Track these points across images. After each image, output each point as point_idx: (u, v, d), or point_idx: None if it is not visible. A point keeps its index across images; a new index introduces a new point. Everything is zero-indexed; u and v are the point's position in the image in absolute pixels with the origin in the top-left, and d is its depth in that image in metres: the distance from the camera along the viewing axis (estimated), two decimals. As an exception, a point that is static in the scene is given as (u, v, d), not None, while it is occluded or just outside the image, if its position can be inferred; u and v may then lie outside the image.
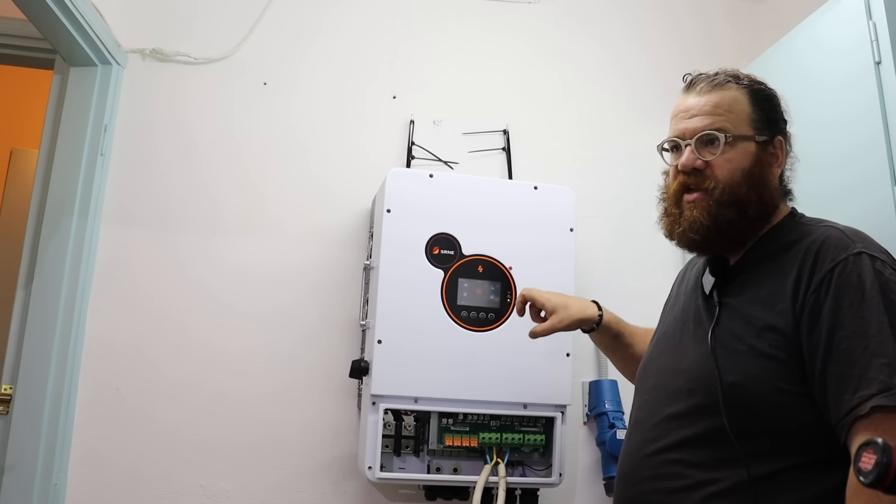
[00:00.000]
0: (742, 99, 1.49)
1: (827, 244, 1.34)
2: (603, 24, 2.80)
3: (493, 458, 2.07)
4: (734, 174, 1.45)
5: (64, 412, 2.15)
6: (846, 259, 1.29)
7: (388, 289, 2.07)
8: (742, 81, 1.51)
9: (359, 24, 2.61)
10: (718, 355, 1.38)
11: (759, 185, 1.45)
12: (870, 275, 1.26)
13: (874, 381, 1.19)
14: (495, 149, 2.59)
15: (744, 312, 1.39)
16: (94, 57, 2.30)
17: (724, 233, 1.46)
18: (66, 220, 2.24)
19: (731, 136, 1.46)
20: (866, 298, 1.25)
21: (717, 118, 1.47)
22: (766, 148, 1.47)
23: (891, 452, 0.83)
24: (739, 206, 1.44)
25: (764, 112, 1.49)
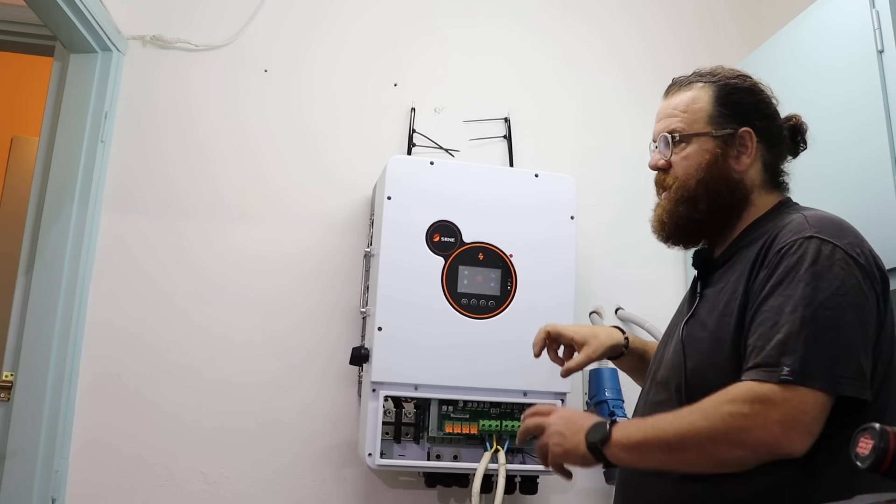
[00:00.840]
0: (702, 97, 1.54)
1: (786, 229, 1.37)
2: (605, 13, 2.79)
3: (493, 446, 2.07)
4: (688, 170, 1.51)
5: (65, 399, 2.15)
6: (794, 241, 1.33)
7: (388, 276, 2.07)
8: (709, 78, 1.56)
9: (360, 12, 2.60)
10: (686, 344, 1.45)
11: (714, 179, 1.49)
12: (811, 258, 1.29)
13: (763, 354, 1.25)
14: (496, 136, 2.59)
15: (713, 301, 1.45)
16: (94, 44, 2.30)
17: (682, 228, 1.53)
18: (66, 208, 2.24)
19: (679, 135, 1.52)
20: (796, 280, 1.28)
21: (672, 119, 1.55)
22: (729, 141, 1.50)
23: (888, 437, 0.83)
24: (690, 201, 1.50)
25: (728, 106, 1.52)
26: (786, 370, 1.21)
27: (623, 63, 2.76)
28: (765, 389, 1.22)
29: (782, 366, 1.22)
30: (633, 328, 2.50)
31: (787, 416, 1.20)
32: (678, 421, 1.28)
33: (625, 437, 1.33)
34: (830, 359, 1.22)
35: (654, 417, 1.34)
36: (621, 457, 1.34)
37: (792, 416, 1.20)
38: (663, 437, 1.29)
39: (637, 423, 1.36)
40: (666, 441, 1.28)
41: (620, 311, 2.52)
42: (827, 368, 1.21)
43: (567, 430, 1.41)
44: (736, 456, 1.24)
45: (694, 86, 1.57)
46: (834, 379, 1.21)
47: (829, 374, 1.21)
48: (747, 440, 1.21)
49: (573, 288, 2.17)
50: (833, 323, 1.24)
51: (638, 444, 1.32)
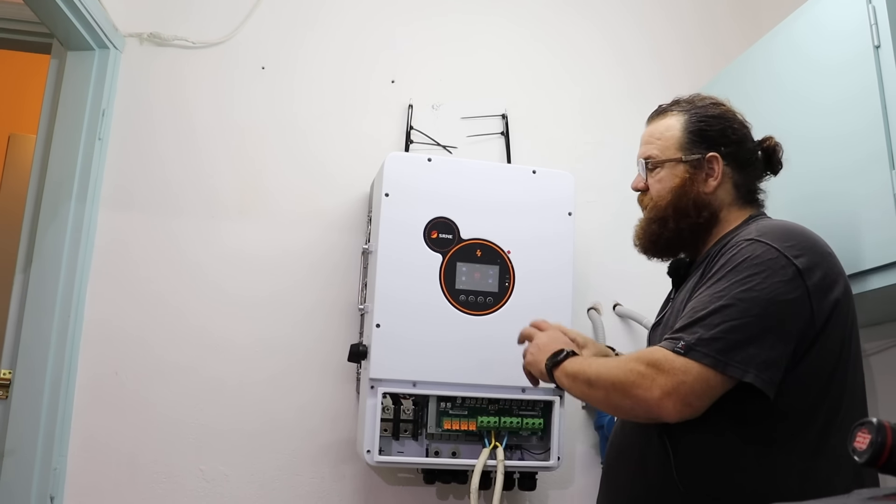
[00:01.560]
0: (675, 124, 1.67)
1: (737, 237, 1.50)
2: (603, 9, 2.79)
3: (492, 442, 2.08)
4: (660, 193, 1.65)
5: (63, 396, 2.15)
6: (737, 243, 1.46)
7: (386, 273, 2.07)
8: (683, 107, 1.68)
9: (357, 8, 2.60)
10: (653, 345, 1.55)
11: (682, 200, 1.62)
12: (742, 257, 1.42)
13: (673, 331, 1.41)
14: (494, 133, 2.59)
15: (677, 307, 1.55)
16: (91, 41, 2.30)
17: (654, 243, 1.68)
18: (64, 205, 2.24)
19: (652, 162, 1.67)
20: (723, 277, 1.42)
21: (649, 146, 1.70)
22: (698, 165, 1.63)
23: (885, 432, 0.83)
24: (660, 220, 1.65)
25: (697, 134, 1.64)
26: (680, 344, 1.35)
27: (622, 60, 2.76)
28: (659, 356, 1.37)
29: (680, 340, 1.36)
30: (630, 324, 2.50)
31: (667, 383, 1.33)
32: (603, 365, 1.47)
33: (570, 366, 1.53)
34: (726, 342, 1.33)
35: (599, 360, 1.53)
36: (562, 380, 1.55)
37: (672, 384, 1.33)
38: (587, 375, 1.48)
39: (585, 359, 1.56)
40: (587, 378, 1.47)
41: (618, 307, 2.52)
42: (719, 349, 1.33)
43: (543, 347, 1.63)
44: (625, 405, 1.41)
45: (669, 114, 1.70)
46: (723, 360, 1.32)
47: (720, 353, 1.33)
48: (633, 395, 1.37)
49: (571, 284, 2.17)
50: (741, 313, 1.35)
51: (572, 374, 1.52)
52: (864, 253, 1.67)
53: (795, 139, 1.84)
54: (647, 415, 1.37)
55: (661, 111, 1.72)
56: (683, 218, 1.62)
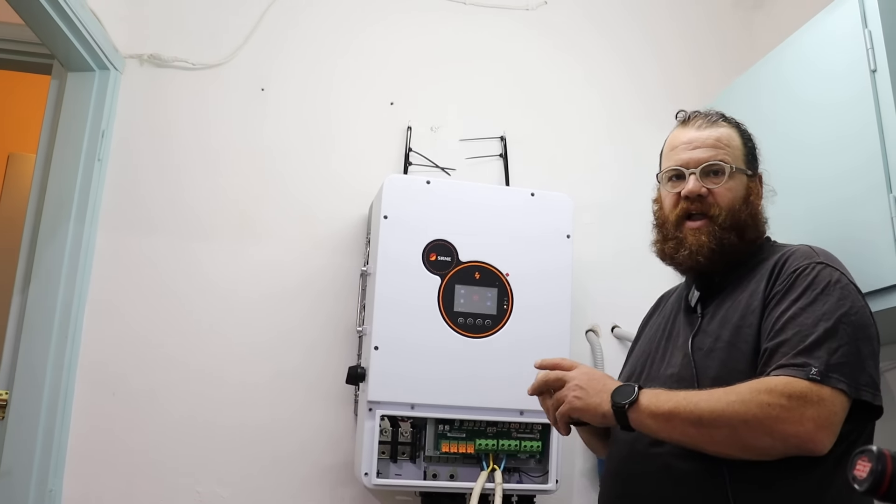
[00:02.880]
0: (735, 136, 1.64)
1: (797, 254, 1.49)
2: (601, 31, 2.80)
3: (490, 465, 2.07)
4: (735, 202, 1.58)
5: (60, 417, 2.14)
6: (810, 265, 1.45)
7: (385, 295, 2.07)
8: (731, 121, 1.66)
9: (357, 31, 2.62)
10: (697, 356, 1.50)
11: (753, 213, 1.60)
12: (825, 280, 1.41)
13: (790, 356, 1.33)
14: (493, 155, 2.59)
15: (723, 317, 1.51)
16: (91, 62, 2.31)
17: (725, 254, 1.57)
18: (63, 226, 2.24)
19: (733, 167, 1.59)
20: (814, 296, 1.39)
21: (719, 151, 1.61)
22: (754, 181, 1.63)
23: (885, 460, 0.83)
24: (740, 230, 1.57)
25: (749, 150, 1.65)
26: (814, 370, 1.28)
27: (622, 83, 2.76)
28: (801, 386, 1.28)
29: (810, 366, 1.29)
30: (628, 346, 2.49)
31: (821, 415, 1.26)
32: (713, 399, 1.32)
33: (654, 404, 1.36)
34: (850, 366, 1.30)
35: (685, 391, 1.37)
36: (646, 423, 1.37)
37: (825, 415, 1.27)
38: (696, 412, 1.32)
39: (667, 393, 1.38)
40: (698, 416, 1.32)
41: (617, 329, 2.52)
42: (847, 374, 1.29)
43: (589, 387, 1.44)
44: (765, 444, 1.29)
45: (722, 124, 1.65)
46: (854, 384, 1.29)
47: (851, 379, 1.29)
48: (780, 431, 1.26)
49: (569, 306, 2.17)
50: (851, 336, 1.33)
51: (667, 414, 1.35)
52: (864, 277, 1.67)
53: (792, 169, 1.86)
54: (796, 450, 1.28)
55: (713, 119, 1.66)
56: (756, 230, 1.60)
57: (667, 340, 1.63)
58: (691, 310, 1.61)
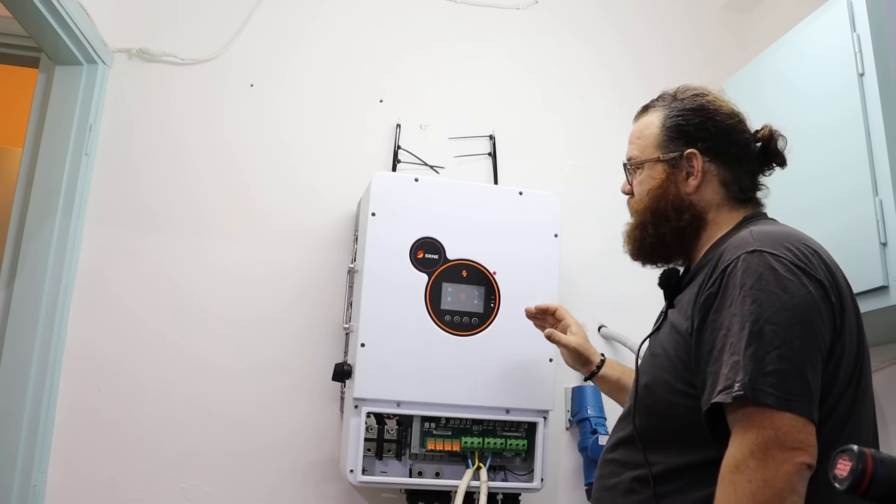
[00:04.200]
0: (654, 122, 1.58)
1: (730, 246, 1.36)
2: (592, 32, 2.81)
3: (475, 463, 2.07)
4: (642, 195, 1.57)
5: (45, 412, 2.13)
6: (738, 258, 1.31)
7: (371, 292, 2.07)
8: (663, 102, 1.60)
9: (347, 28, 2.61)
10: (643, 361, 1.48)
11: (660, 202, 1.53)
12: (755, 272, 1.27)
13: (723, 378, 1.23)
14: (481, 154, 2.59)
15: (672, 320, 1.45)
16: (79, 56, 2.29)
17: (639, 250, 1.58)
18: (49, 220, 2.22)
19: (632, 163, 1.60)
20: (741, 296, 1.26)
21: (631, 147, 1.63)
22: (677, 164, 1.53)
23: (866, 459, 0.84)
24: (641, 226, 1.56)
25: (674, 130, 1.55)
26: (737, 386, 1.19)
27: (611, 82, 2.77)
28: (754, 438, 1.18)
29: (735, 383, 1.20)
30: (615, 346, 2.50)
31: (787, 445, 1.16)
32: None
33: None
34: (780, 374, 1.20)
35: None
36: None
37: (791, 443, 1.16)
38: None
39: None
40: None
41: (603, 328, 2.53)
42: (776, 384, 1.19)
43: None
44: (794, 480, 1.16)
45: (651, 110, 1.62)
46: (785, 394, 1.19)
47: (781, 389, 1.19)
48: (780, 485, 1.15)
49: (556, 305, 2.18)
50: (781, 338, 1.22)
51: None
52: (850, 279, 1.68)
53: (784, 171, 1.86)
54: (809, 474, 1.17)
55: (645, 108, 1.64)
56: (663, 222, 1.52)
57: None
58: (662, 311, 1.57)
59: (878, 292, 1.63)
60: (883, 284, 1.62)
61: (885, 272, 1.63)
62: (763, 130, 1.56)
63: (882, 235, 1.64)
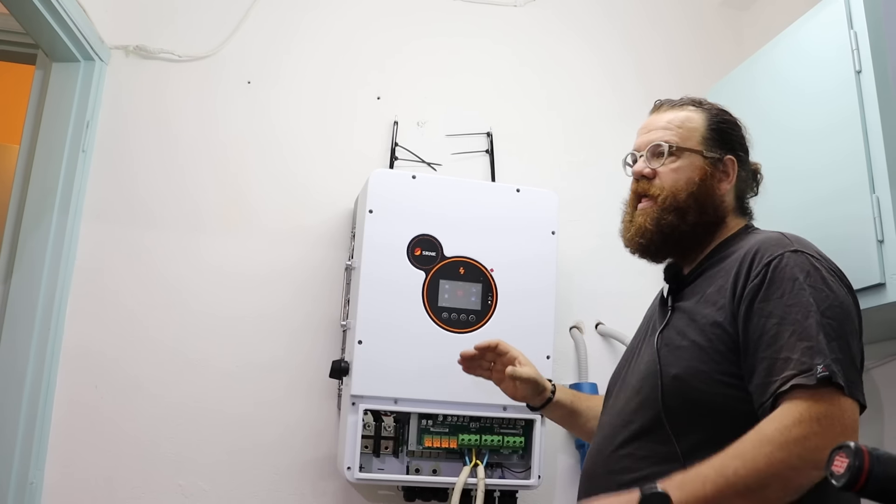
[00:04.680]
0: (696, 118, 1.62)
1: (767, 242, 1.42)
2: (590, 29, 2.81)
3: (473, 460, 2.07)
4: (677, 182, 1.56)
5: (41, 409, 2.13)
6: (782, 255, 1.37)
7: (369, 290, 2.07)
8: (702, 105, 1.64)
9: (344, 25, 2.61)
10: (662, 353, 1.46)
11: (702, 195, 1.56)
12: (803, 269, 1.35)
13: (797, 363, 1.26)
14: (479, 151, 2.59)
15: (691, 312, 1.47)
16: (76, 53, 2.29)
17: (666, 237, 1.56)
18: (46, 217, 2.22)
19: (675, 146, 1.58)
20: (796, 289, 1.33)
21: (667, 132, 1.60)
22: (716, 164, 1.58)
23: (863, 455, 0.84)
24: (680, 212, 1.55)
25: (718, 133, 1.60)
26: (820, 368, 1.24)
27: (609, 80, 2.77)
28: (823, 406, 1.23)
29: (815, 366, 1.24)
30: (612, 343, 2.50)
31: (847, 426, 1.23)
32: (749, 460, 1.22)
33: (690, 496, 1.23)
34: (842, 364, 1.26)
35: (707, 466, 1.25)
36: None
37: (851, 425, 1.23)
38: (739, 483, 1.22)
39: (690, 478, 1.25)
40: (745, 486, 1.22)
41: (601, 326, 2.53)
42: (842, 373, 1.25)
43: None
44: (815, 477, 1.21)
45: (687, 108, 1.64)
46: (848, 383, 1.25)
47: (846, 378, 1.25)
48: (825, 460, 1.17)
49: (553, 303, 2.18)
50: (837, 331, 1.29)
51: (711, 499, 1.23)
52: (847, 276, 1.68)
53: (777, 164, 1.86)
54: None
55: (677, 103, 1.66)
56: (703, 213, 1.55)
57: (645, 335, 1.62)
58: (665, 303, 1.58)
59: (875, 289, 1.63)
60: (880, 282, 1.62)
61: (882, 269, 1.62)
62: (755, 165, 1.67)
63: (879, 233, 1.63)
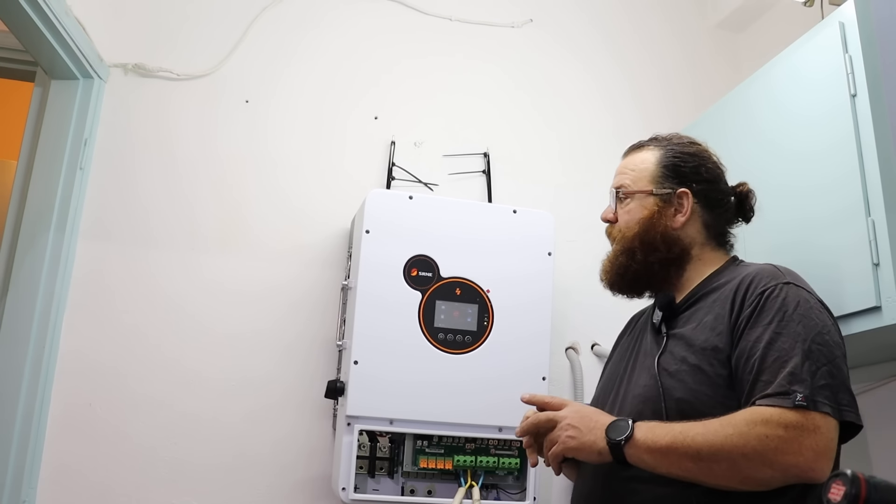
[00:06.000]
0: (650, 158, 1.69)
1: (761, 274, 1.49)
2: (587, 50, 2.82)
3: (468, 481, 2.07)
4: (629, 223, 1.66)
5: (35, 427, 2.12)
6: (776, 286, 1.44)
7: (365, 309, 2.07)
8: (659, 143, 1.70)
9: (342, 45, 2.62)
10: (663, 377, 1.48)
11: (650, 232, 1.62)
12: (794, 300, 1.41)
13: (776, 386, 1.32)
14: (476, 171, 2.60)
15: (689, 338, 1.50)
16: (75, 70, 2.30)
17: (622, 277, 1.66)
18: (42, 234, 2.22)
19: (623, 192, 1.68)
20: (786, 318, 1.39)
21: (622, 177, 1.71)
22: (668, 200, 1.63)
23: (859, 484, 0.84)
24: (629, 252, 1.64)
25: (670, 168, 1.65)
26: (799, 396, 1.28)
27: (605, 101, 2.78)
28: (797, 416, 1.28)
29: (795, 393, 1.29)
30: (608, 364, 2.50)
31: (818, 443, 1.27)
32: (710, 433, 1.31)
33: (650, 439, 1.35)
34: (831, 388, 1.31)
35: (680, 424, 1.36)
36: (643, 458, 1.35)
37: (823, 443, 1.27)
38: (693, 447, 1.31)
39: (661, 426, 1.37)
40: (696, 450, 1.31)
41: (596, 346, 2.53)
42: (830, 396, 1.30)
43: (582, 425, 1.43)
44: (765, 475, 1.29)
45: (646, 148, 1.72)
46: (837, 406, 1.30)
47: (833, 401, 1.30)
48: (780, 462, 1.27)
49: (549, 324, 2.18)
50: (828, 356, 1.35)
51: (664, 448, 1.34)
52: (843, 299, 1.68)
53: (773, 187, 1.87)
54: (797, 479, 1.28)
55: (639, 145, 1.74)
56: (652, 251, 1.61)
57: (634, 360, 1.63)
58: (657, 330, 1.60)
59: (871, 312, 1.63)
60: (875, 305, 1.62)
61: (877, 292, 1.62)
62: (742, 187, 1.70)
63: (875, 256, 1.64)
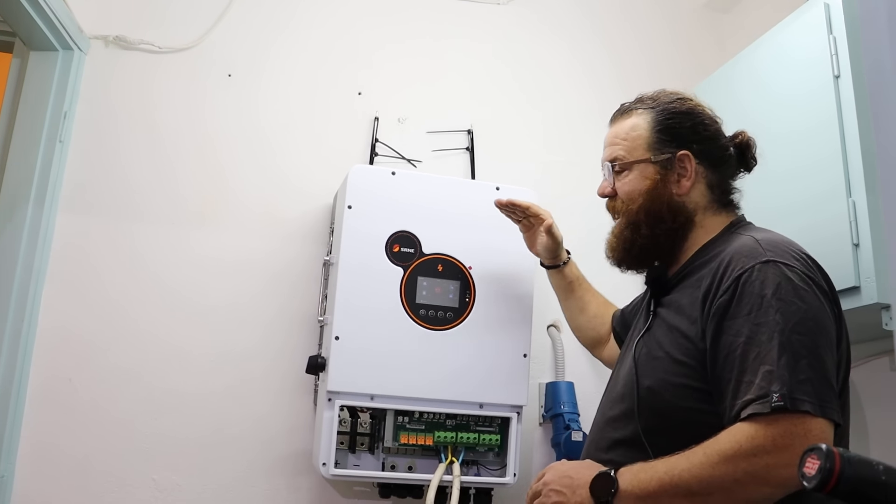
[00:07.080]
0: (641, 123, 1.60)
1: (738, 253, 1.39)
2: (571, 29, 2.81)
3: (448, 457, 2.07)
4: (631, 195, 1.57)
5: (13, 402, 2.11)
6: (752, 267, 1.34)
7: (347, 285, 2.07)
8: (649, 104, 1.61)
9: (326, 20, 2.60)
10: (640, 362, 1.47)
11: (655, 203, 1.54)
12: (773, 282, 1.31)
13: (756, 387, 1.25)
14: (459, 148, 2.59)
15: (669, 322, 1.47)
16: (55, 42, 2.27)
17: (629, 252, 1.58)
18: (21, 207, 2.20)
19: (619, 164, 1.60)
20: (764, 306, 1.30)
21: (615, 148, 1.62)
22: (669, 166, 1.55)
23: (834, 458, 0.85)
24: (634, 226, 1.56)
25: (665, 132, 1.57)
26: (775, 397, 1.22)
27: (590, 80, 2.77)
28: (782, 424, 1.21)
29: (772, 394, 1.22)
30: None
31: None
32: (696, 466, 1.26)
33: (637, 486, 1.31)
34: (812, 382, 1.23)
35: (663, 462, 1.31)
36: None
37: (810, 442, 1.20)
38: (682, 485, 1.26)
39: (645, 469, 1.32)
40: (687, 488, 1.26)
41: (578, 325, 2.53)
42: (811, 392, 1.23)
43: (565, 488, 1.39)
44: (765, 493, 1.23)
45: (634, 112, 1.63)
46: (819, 403, 1.23)
47: (816, 397, 1.23)
48: (776, 478, 1.21)
49: (531, 301, 2.18)
50: (807, 347, 1.26)
51: (654, 493, 1.29)
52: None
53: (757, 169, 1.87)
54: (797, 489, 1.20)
55: (625, 110, 1.65)
56: (658, 223, 1.54)
57: (631, 337, 1.63)
58: (648, 309, 1.58)
59: (850, 293, 1.65)
60: (855, 285, 1.64)
61: (857, 273, 1.64)
62: (740, 136, 1.61)
63: (855, 236, 1.65)
